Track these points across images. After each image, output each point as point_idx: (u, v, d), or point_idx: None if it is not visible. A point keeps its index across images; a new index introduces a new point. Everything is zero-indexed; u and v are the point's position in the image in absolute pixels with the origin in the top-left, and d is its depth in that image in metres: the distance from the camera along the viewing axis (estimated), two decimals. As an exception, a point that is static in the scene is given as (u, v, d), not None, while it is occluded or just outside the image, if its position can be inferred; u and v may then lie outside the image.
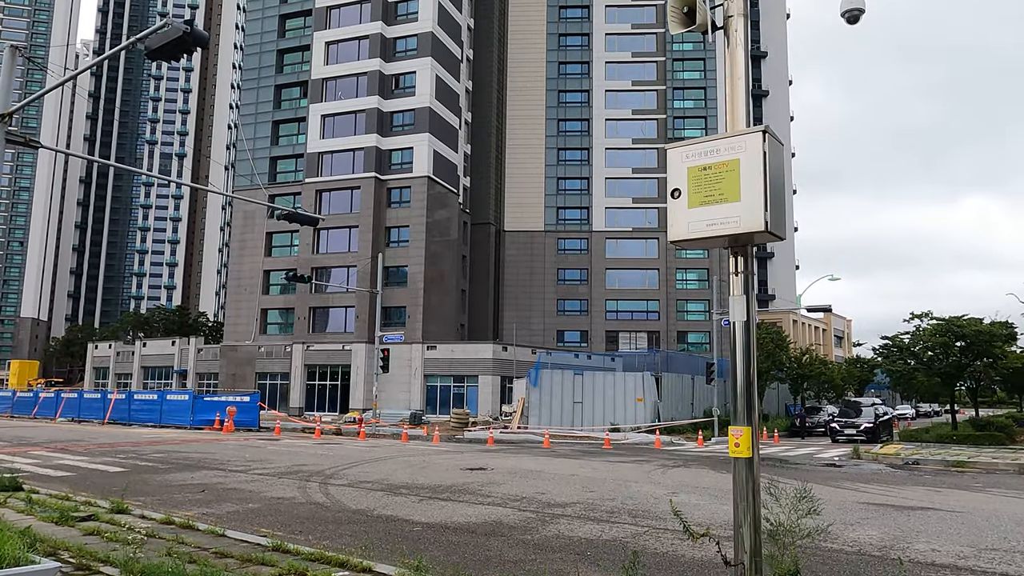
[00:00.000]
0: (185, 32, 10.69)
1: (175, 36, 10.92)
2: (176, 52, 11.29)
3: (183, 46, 11.11)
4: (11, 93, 14.87)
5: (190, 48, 11.11)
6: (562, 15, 72.33)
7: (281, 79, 59.51)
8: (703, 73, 70.46)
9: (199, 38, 10.96)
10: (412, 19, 56.89)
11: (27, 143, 15.14)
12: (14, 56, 14.99)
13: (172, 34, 10.92)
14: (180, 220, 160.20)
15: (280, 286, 57.29)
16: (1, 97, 14.73)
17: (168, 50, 11.24)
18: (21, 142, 14.96)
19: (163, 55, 11.40)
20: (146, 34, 11.17)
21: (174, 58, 11.48)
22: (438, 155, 56.60)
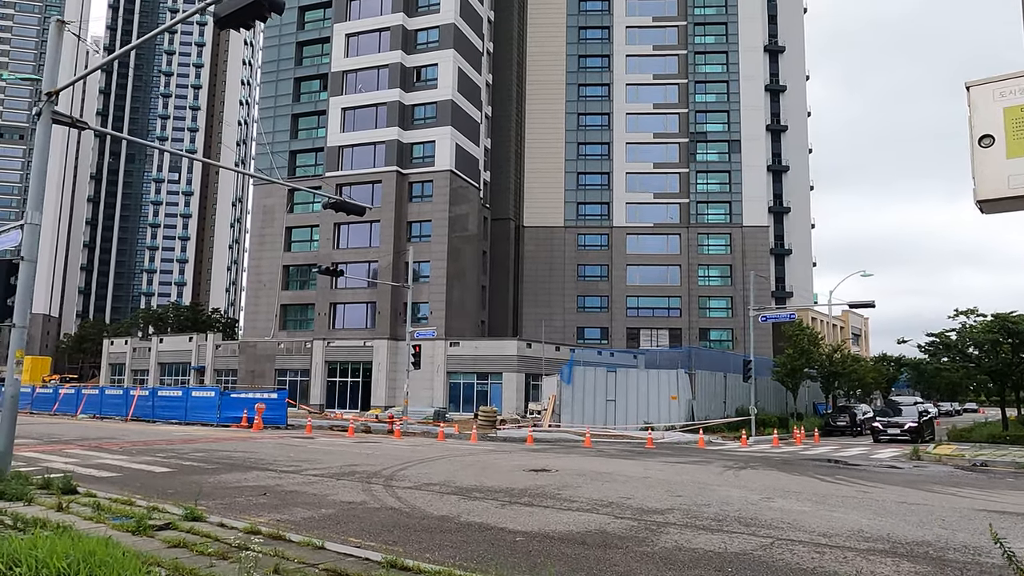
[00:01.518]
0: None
1: (248, 1, 10.06)
2: (248, 19, 10.42)
3: (257, 12, 10.25)
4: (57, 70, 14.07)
5: (265, 14, 10.26)
6: (582, 8, 71.35)
7: (300, 72, 58.70)
8: (725, 67, 69.39)
9: (275, 4, 10.09)
10: (434, 10, 55.99)
11: (74, 124, 14.31)
12: (61, 31, 14.16)
13: None
14: (190, 217, 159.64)
15: (300, 281, 56.54)
16: (48, 73, 13.93)
17: (240, 16, 10.37)
18: (68, 122, 14.13)
19: (233, 22, 10.52)
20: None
21: (245, 26, 10.61)
22: (460, 149, 55.73)
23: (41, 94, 13.66)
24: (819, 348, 44.03)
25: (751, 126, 68.25)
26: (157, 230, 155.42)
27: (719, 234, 67.45)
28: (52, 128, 14.00)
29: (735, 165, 67.75)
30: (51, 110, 13.66)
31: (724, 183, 68.01)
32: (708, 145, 68.62)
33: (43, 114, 13.58)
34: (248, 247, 59.00)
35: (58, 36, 14.03)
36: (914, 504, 12.31)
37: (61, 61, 14.14)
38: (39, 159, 13.99)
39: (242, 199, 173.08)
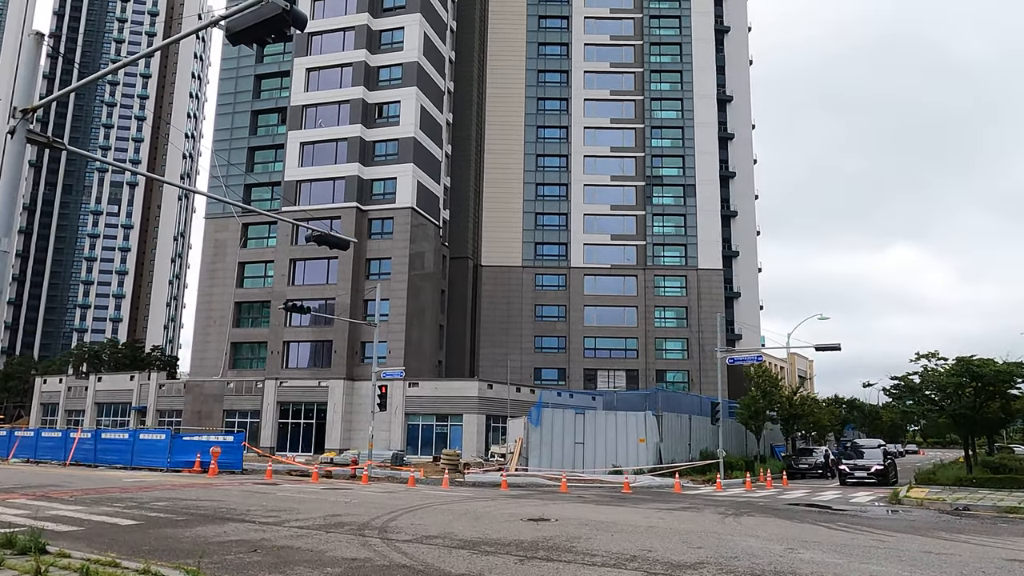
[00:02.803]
0: (284, 10, 9.15)
1: (269, 15, 9.35)
2: (263, 35, 9.70)
3: (277, 27, 9.54)
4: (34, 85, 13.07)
5: (285, 30, 9.57)
6: (541, 51, 72.32)
7: (258, 105, 57.61)
8: (680, 113, 71.00)
9: (298, 18, 9.41)
10: (397, 48, 55.84)
11: (50, 144, 13.25)
12: (40, 45, 13.17)
13: (266, 12, 9.34)
14: (129, 251, 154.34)
15: (252, 318, 54.63)
16: (24, 89, 12.86)
17: (255, 32, 9.65)
18: (44, 142, 13.06)
19: (247, 38, 9.78)
20: (237, 10, 9.57)
21: (259, 42, 9.88)
22: (422, 186, 55.21)
23: (16, 111, 12.60)
24: (780, 390, 44.37)
25: (705, 171, 69.72)
26: (93, 264, 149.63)
27: (675, 276, 68.18)
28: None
29: (690, 209, 68.92)
30: (26, 128, 12.61)
31: (680, 226, 69.02)
32: (664, 189, 69.73)
33: (16, 133, 12.49)
34: (197, 282, 56.87)
35: (35, 50, 13.03)
36: (941, 554, 11.95)
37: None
38: (10, 182, 12.84)
39: (184, 234, 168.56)
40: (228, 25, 9.77)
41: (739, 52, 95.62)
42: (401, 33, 55.98)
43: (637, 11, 72.50)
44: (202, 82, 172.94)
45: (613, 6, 72.61)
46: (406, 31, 55.83)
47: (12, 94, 13.08)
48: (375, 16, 56.50)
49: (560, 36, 71.97)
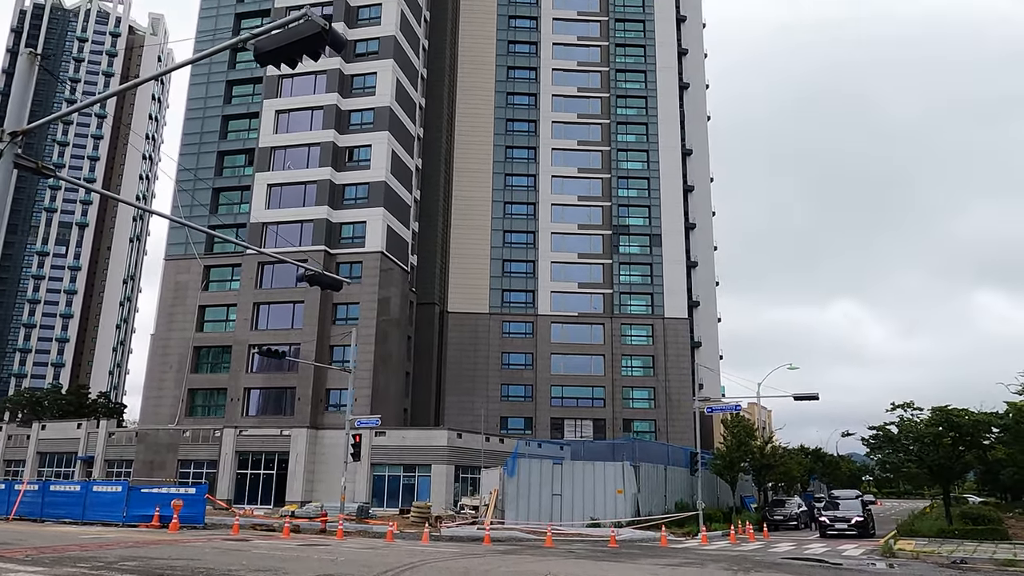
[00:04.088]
0: (324, 29, 8.58)
1: (307, 34, 8.75)
2: (295, 54, 9.10)
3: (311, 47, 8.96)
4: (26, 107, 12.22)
5: (320, 51, 8.99)
6: (509, 100, 73.04)
7: (225, 146, 56.60)
8: (646, 164, 72.15)
9: (337, 39, 8.85)
10: (369, 93, 55.70)
11: (40, 170, 12.32)
12: (33, 64, 12.34)
13: (304, 30, 8.76)
14: (75, 294, 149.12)
15: (211, 364, 52.61)
16: (15, 111, 11.97)
17: (287, 51, 9.04)
18: (33, 168, 12.14)
19: (279, 57, 9.15)
20: (270, 27, 8.97)
21: (289, 62, 9.27)
22: (391, 230, 54.54)
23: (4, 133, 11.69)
24: (755, 440, 44.16)
25: (670, 221, 70.62)
26: (37, 306, 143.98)
27: (641, 325, 68.27)
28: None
29: (656, 258, 69.50)
30: (14, 152, 11.69)
31: (646, 275, 69.45)
32: (630, 238, 70.30)
33: (4, 157, 11.56)
34: (154, 326, 54.71)
35: (29, 70, 12.20)
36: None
37: None
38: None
39: (135, 276, 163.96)
40: (257, 44, 9.17)
41: (698, 107, 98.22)
42: (373, 78, 55.91)
43: (603, 65, 74.02)
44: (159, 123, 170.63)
45: (580, 59, 74.03)
46: (379, 76, 55.80)
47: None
48: (347, 61, 56.40)
49: (529, 87, 72.92)
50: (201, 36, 58.49)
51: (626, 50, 74.70)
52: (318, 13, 8.60)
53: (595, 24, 74.82)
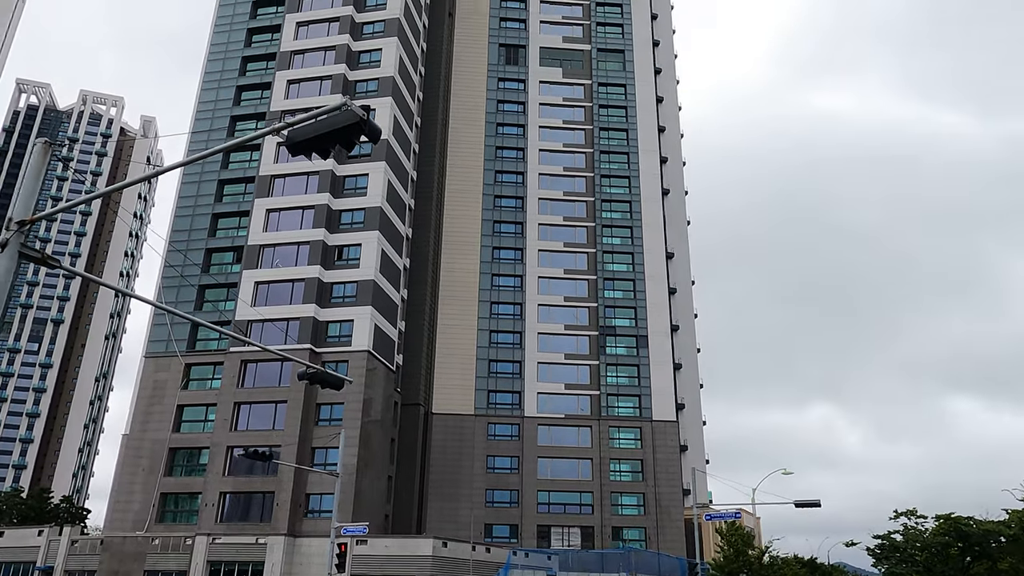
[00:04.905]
0: (362, 119, 8.43)
1: (343, 124, 8.60)
2: (331, 144, 8.92)
3: (345, 137, 8.79)
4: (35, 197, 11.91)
5: (354, 141, 8.83)
6: (497, 203, 74.30)
7: (213, 243, 56.54)
8: (631, 267, 73.00)
9: (374, 130, 8.70)
10: (360, 193, 56.45)
11: (44, 260, 11.87)
12: (47, 153, 12.12)
13: (340, 121, 8.60)
14: (44, 392, 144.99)
15: (186, 467, 50.50)
16: (24, 200, 11.64)
17: (323, 141, 8.87)
18: (38, 258, 11.70)
19: (312, 147, 8.97)
20: (307, 118, 8.82)
21: (322, 152, 9.08)
22: (378, 329, 53.99)
23: (10, 222, 11.31)
24: (752, 550, 42.61)
25: (656, 322, 70.78)
26: (3, 405, 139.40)
27: (629, 427, 67.13)
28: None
29: (643, 359, 69.17)
30: (20, 242, 11.28)
31: (633, 376, 68.90)
32: (617, 339, 70.15)
33: (10, 246, 11.14)
34: (129, 426, 52.76)
35: (42, 159, 11.97)
36: None
37: None
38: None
39: (108, 374, 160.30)
40: (291, 135, 9.00)
41: (678, 212, 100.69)
42: (365, 179, 56.79)
43: (589, 170, 76.02)
44: (144, 221, 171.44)
45: (566, 164, 76.05)
46: (370, 177, 56.71)
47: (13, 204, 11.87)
48: (340, 162, 57.39)
49: (516, 190, 74.42)
50: (196, 137, 59.52)
51: (610, 156, 76.98)
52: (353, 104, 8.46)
53: (580, 132, 77.35)
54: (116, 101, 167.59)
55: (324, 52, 61.49)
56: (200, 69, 65.88)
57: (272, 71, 62.14)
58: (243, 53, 64.17)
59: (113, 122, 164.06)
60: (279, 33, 63.98)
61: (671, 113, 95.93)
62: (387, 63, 61.16)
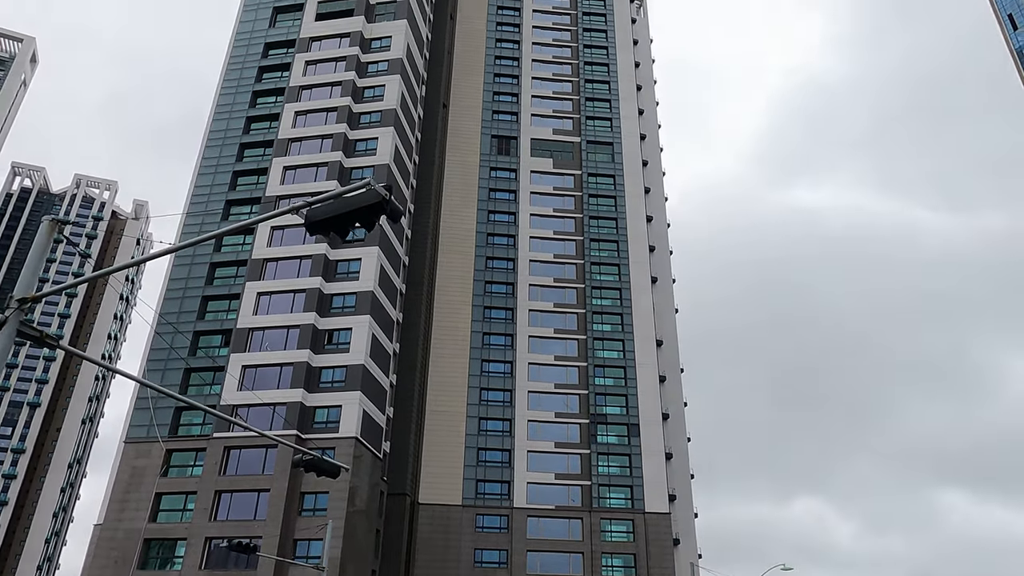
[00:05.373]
0: (384, 199, 8.38)
1: (365, 204, 8.54)
2: (350, 223, 8.83)
3: (366, 217, 8.71)
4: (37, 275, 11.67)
5: (375, 221, 8.74)
6: (488, 289, 74.50)
7: (202, 326, 55.96)
8: (622, 353, 72.76)
9: (395, 211, 8.64)
10: (353, 278, 56.50)
11: (43, 340, 11.53)
12: (53, 231, 11.96)
13: (361, 200, 8.55)
14: (14, 478, 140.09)
15: (161, 559, 48.25)
16: (27, 278, 11.40)
17: (342, 221, 8.78)
18: (36, 336, 11.36)
19: (331, 227, 8.88)
20: (328, 197, 8.74)
21: (341, 232, 8.98)
22: (367, 415, 52.97)
23: (11, 299, 11.02)
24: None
25: (648, 411, 69.99)
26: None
27: (621, 520, 65.28)
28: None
29: (635, 449, 68.00)
30: (19, 320, 10.97)
31: (624, 466, 67.53)
32: (608, 427, 69.14)
33: (9, 323, 10.83)
34: (104, 514, 50.63)
35: (49, 236, 11.81)
36: None
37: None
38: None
39: (81, 460, 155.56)
40: (309, 214, 8.91)
41: (666, 300, 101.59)
42: (358, 264, 56.96)
43: (579, 258, 76.80)
44: (128, 304, 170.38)
45: (557, 251, 76.84)
46: (363, 262, 56.90)
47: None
48: (333, 247, 57.69)
49: (507, 276, 74.80)
50: (190, 220, 59.86)
51: (600, 244, 77.96)
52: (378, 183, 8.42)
53: (570, 220, 78.55)
54: (110, 185, 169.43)
55: (321, 140, 62.83)
56: (196, 154, 67.03)
57: (269, 157, 63.23)
58: (241, 140, 65.44)
59: (105, 205, 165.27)
60: (277, 121, 65.48)
61: (658, 204, 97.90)
62: (383, 151, 62.48)
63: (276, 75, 69.38)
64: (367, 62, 68.69)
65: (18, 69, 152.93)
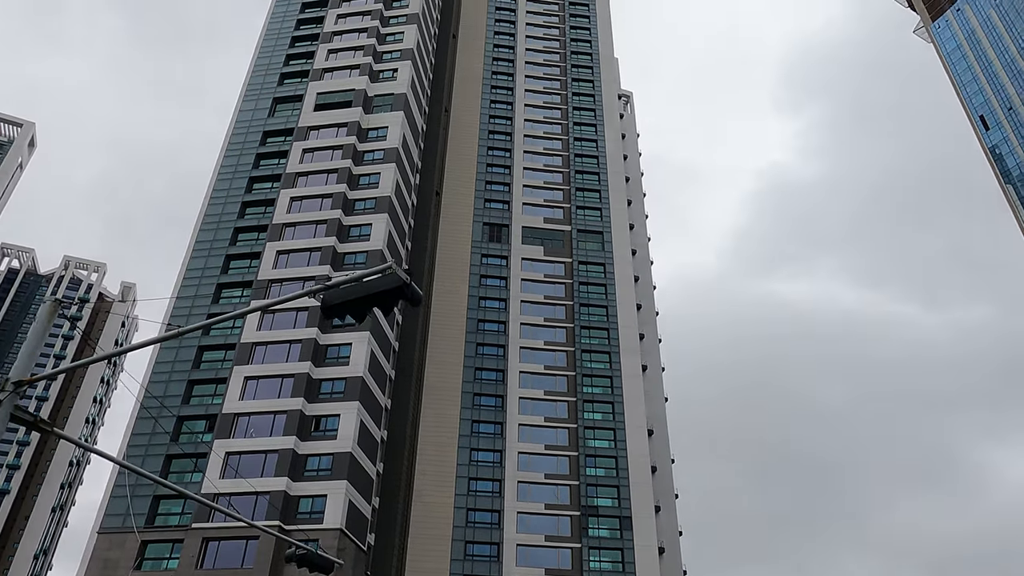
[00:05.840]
0: (404, 283, 8.24)
1: (384, 288, 8.39)
2: (368, 308, 8.65)
3: (385, 301, 8.54)
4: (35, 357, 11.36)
5: (394, 306, 8.57)
6: (477, 376, 73.75)
7: (186, 410, 54.74)
8: (614, 443, 71.57)
9: (416, 296, 8.49)
10: (343, 363, 55.84)
11: (37, 424, 11.09)
12: (55, 312, 11.69)
13: (381, 284, 8.40)
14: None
15: (129, 661, 45.46)
16: (24, 360, 11.06)
17: (360, 305, 8.60)
18: (30, 421, 10.94)
19: (347, 311, 8.70)
20: (346, 281, 8.58)
21: (358, 316, 8.79)
22: (352, 506, 51.28)
23: (7, 382, 10.65)
24: None
25: (640, 503, 68.28)
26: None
27: (614, 619, 62.62)
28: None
29: (627, 543, 65.94)
30: (14, 404, 10.57)
31: (617, 561, 65.28)
32: (599, 520, 67.23)
33: (3, 407, 10.42)
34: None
35: (48, 319, 11.53)
36: None
37: None
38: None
39: (48, 551, 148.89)
40: (326, 297, 8.74)
41: (656, 389, 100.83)
42: (348, 349, 56.41)
43: (570, 345, 76.53)
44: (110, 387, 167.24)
45: (547, 339, 76.60)
46: (353, 347, 56.37)
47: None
48: (324, 331, 57.27)
49: (497, 363, 74.23)
50: (180, 303, 59.49)
51: (591, 332, 77.87)
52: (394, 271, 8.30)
53: (561, 307, 78.70)
54: (98, 267, 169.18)
55: (315, 225, 63.36)
56: (188, 238, 67.26)
57: (263, 242, 63.51)
58: (236, 224, 65.89)
59: (92, 287, 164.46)
60: (272, 206, 66.15)
61: (646, 292, 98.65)
62: (376, 237, 62.98)
63: (273, 162, 70.62)
64: (363, 151, 70.13)
65: (16, 152, 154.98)
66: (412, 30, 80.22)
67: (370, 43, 77.59)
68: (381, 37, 79.69)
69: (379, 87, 75.08)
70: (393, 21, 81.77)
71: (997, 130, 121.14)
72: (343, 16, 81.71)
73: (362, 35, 78.75)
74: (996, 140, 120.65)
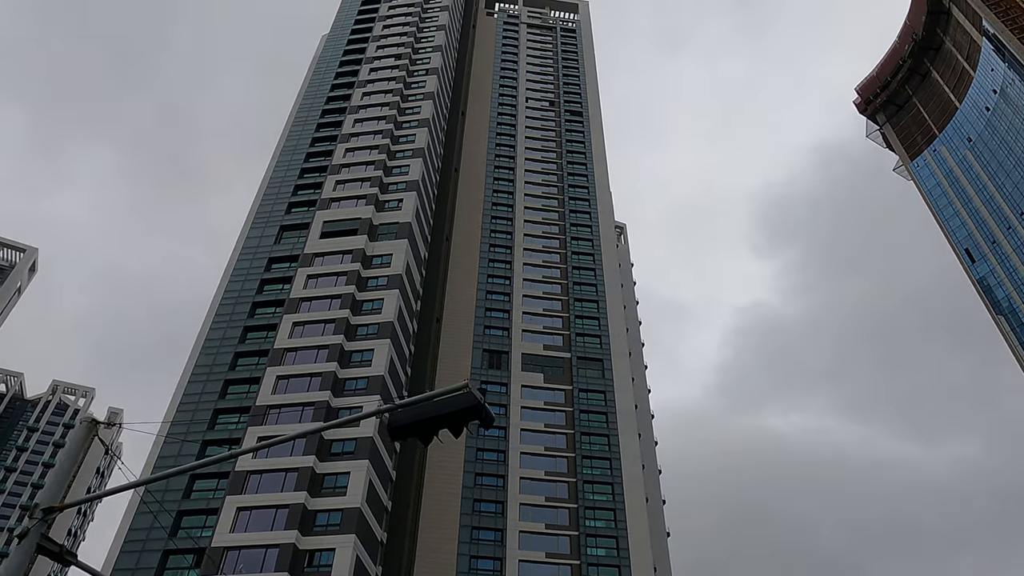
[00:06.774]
0: (479, 403, 7.95)
1: (461, 407, 8.07)
2: (438, 428, 8.29)
3: (455, 421, 8.21)
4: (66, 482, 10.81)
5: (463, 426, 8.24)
6: (476, 508, 71.20)
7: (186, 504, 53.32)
8: (613, 523, 69.14)
9: (488, 417, 8.17)
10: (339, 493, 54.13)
11: (61, 556, 10.36)
12: (91, 433, 11.22)
13: (454, 404, 8.08)
14: None
15: None
16: (55, 485, 10.50)
17: (430, 425, 8.25)
18: (55, 552, 10.23)
19: (413, 432, 8.34)
20: (419, 400, 8.27)
21: (426, 439, 8.40)
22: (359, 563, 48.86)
23: (37, 508, 10.03)
24: None
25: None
26: None
27: None
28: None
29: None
30: (40, 532, 9.90)
31: None
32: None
33: (29, 536, 9.75)
34: None
35: (83, 440, 11.05)
36: None
37: None
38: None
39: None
40: (392, 418, 8.40)
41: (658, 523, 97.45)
42: (346, 478, 54.69)
43: (571, 475, 74.47)
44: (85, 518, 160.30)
45: (548, 468, 74.61)
46: (351, 476, 54.68)
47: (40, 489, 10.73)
48: (322, 460, 55.76)
49: (496, 494, 71.75)
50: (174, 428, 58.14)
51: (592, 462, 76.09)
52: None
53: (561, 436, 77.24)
54: (87, 392, 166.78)
55: (317, 351, 63.04)
56: (185, 359, 66.61)
57: (263, 366, 62.90)
58: (236, 348, 65.48)
59: (79, 413, 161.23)
60: (274, 332, 66.01)
61: (644, 421, 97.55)
62: (378, 362, 62.65)
63: (277, 287, 71.14)
64: (367, 277, 70.94)
65: (16, 277, 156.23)
66: (417, 163, 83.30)
67: (377, 175, 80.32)
68: (388, 169, 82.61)
69: (384, 216, 77.01)
70: (399, 155, 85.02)
71: (983, 262, 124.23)
72: (351, 150, 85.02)
73: (369, 167, 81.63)
74: (983, 272, 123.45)
